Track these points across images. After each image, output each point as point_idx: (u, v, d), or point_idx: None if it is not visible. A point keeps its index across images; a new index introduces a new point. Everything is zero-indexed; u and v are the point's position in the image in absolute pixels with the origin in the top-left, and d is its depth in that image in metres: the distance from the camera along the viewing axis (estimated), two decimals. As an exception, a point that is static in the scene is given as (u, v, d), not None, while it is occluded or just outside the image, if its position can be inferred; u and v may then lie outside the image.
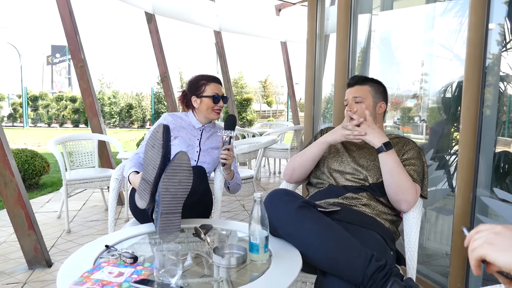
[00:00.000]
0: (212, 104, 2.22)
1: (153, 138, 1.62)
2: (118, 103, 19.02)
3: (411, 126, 3.07)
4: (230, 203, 4.61)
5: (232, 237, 1.64)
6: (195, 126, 2.28)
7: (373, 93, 1.90)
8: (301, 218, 1.42)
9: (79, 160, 4.13)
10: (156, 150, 1.58)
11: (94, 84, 4.68)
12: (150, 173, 1.58)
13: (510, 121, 2.11)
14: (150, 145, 1.63)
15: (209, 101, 2.22)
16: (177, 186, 1.51)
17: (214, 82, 2.25)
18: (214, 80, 2.27)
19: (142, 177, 1.62)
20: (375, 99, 1.90)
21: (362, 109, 1.83)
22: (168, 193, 1.49)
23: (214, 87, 2.23)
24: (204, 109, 2.24)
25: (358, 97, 1.88)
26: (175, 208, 1.51)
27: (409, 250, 1.69)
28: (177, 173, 1.51)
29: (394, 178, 1.68)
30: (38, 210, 4.31)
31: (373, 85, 1.92)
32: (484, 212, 1.97)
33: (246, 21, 7.82)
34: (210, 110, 2.23)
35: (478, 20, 1.89)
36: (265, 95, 26.17)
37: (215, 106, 2.23)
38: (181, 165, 1.52)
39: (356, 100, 1.89)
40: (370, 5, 3.19)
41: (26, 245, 2.81)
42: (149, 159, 1.60)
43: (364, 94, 1.89)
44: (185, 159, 1.52)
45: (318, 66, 3.81)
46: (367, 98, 1.88)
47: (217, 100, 2.22)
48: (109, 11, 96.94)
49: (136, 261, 1.29)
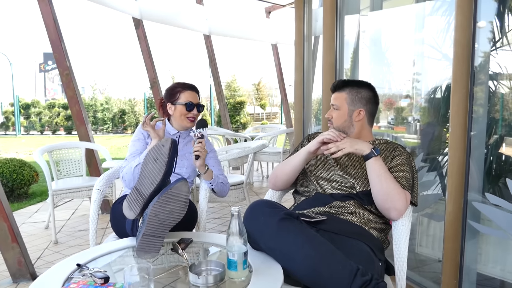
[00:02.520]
0: (185, 112, 2.19)
1: (157, 151, 1.56)
2: (111, 109, 18.92)
3: (405, 126, 3.01)
4: (221, 209, 4.53)
5: (212, 251, 1.57)
6: (170, 133, 2.25)
7: (350, 101, 1.84)
8: (283, 231, 1.35)
9: (67, 169, 4.05)
10: (158, 166, 1.52)
11: (86, 91, 4.61)
12: (146, 187, 1.52)
13: (503, 120, 2.05)
14: (152, 157, 1.56)
15: (183, 108, 2.19)
16: (167, 215, 1.45)
17: (189, 90, 2.23)
18: (189, 88, 2.24)
19: (136, 188, 1.55)
20: (352, 106, 1.84)
21: (336, 117, 1.85)
22: (156, 219, 1.43)
23: (188, 95, 2.21)
24: (177, 116, 2.21)
25: (334, 104, 1.86)
26: (159, 233, 1.45)
27: (399, 260, 1.62)
28: (172, 202, 1.44)
29: (382, 185, 1.62)
30: (26, 220, 4.23)
31: (352, 91, 1.85)
32: (476, 218, 1.91)
33: (236, 24, 7.76)
34: (184, 117, 2.20)
35: (465, 20, 1.83)
36: (259, 98, 26.13)
37: (188, 114, 2.19)
38: (179, 195, 1.45)
39: (334, 107, 1.86)
40: (357, 6, 3.14)
41: (9, 258, 2.74)
42: (148, 172, 1.54)
43: (340, 102, 1.85)
44: (184, 191, 1.45)
45: (306, 68, 3.76)
46: (342, 106, 1.84)
47: (191, 107, 2.19)
48: (99, 17, 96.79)
49: (107, 281, 1.22)
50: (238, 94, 19.26)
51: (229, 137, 6.62)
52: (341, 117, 1.84)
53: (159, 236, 1.45)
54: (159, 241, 1.45)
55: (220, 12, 7.40)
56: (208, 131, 6.90)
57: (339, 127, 1.85)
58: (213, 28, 7.40)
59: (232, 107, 17.47)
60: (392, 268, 1.66)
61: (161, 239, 1.46)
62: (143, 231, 1.43)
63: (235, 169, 6.66)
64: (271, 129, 8.45)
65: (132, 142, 2.20)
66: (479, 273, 1.98)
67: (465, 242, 1.90)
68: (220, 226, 3.93)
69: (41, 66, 34.43)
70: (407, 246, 1.63)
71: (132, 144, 2.20)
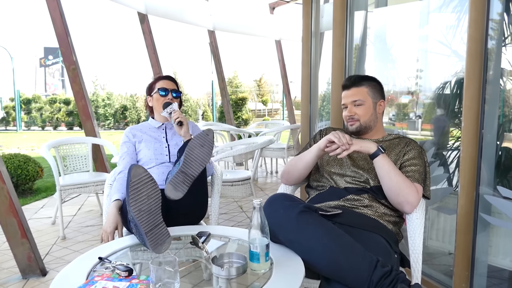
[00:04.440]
0: (161, 98, 2.21)
1: (202, 138, 1.76)
2: (112, 104, 18.89)
3: (407, 122, 3.03)
4: (227, 204, 4.55)
5: (231, 244, 1.58)
6: (155, 127, 2.27)
7: (371, 93, 1.86)
8: (302, 224, 1.37)
9: (73, 164, 4.06)
10: (206, 150, 1.75)
11: (87, 86, 4.62)
12: (194, 168, 1.72)
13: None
14: (199, 143, 1.75)
15: (158, 95, 2.21)
16: (147, 202, 1.46)
17: (164, 79, 2.27)
18: (163, 77, 2.29)
19: (182, 171, 1.70)
20: (374, 99, 1.86)
21: (363, 113, 1.84)
22: (142, 213, 1.44)
23: (162, 83, 2.24)
24: (156, 106, 2.23)
25: (358, 100, 1.84)
26: (156, 221, 1.46)
27: (414, 252, 1.64)
28: (141, 189, 1.46)
29: (392, 181, 1.65)
30: (32, 216, 4.24)
31: (369, 84, 1.87)
32: (488, 210, 1.93)
33: (240, 20, 7.76)
34: (161, 104, 2.20)
35: (479, 16, 1.85)
36: (260, 94, 26.11)
37: (165, 99, 2.20)
38: (141, 180, 1.47)
39: (356, 103, 1.85)
40: (365, 2, 3.15)
41: (19, 254, 2.74)
42: (196, 156, 1.73)
43: (363, 96, 1.85)
44: (142, 171, 1.47)
45: (314, 64, 3.76)
46: (367, 100, 1.85)
47: (165, 92, 2.20)
48: (102, 12, 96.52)
49: (131, 274, 1.24)
50: (240, 90, 19.27)
51: (233, 133, 6.63)
52: (367, 111, 1.84)
53: (157, 224, 1.45)
54: (162, 228, 1.46)
55: (224, 8, 7.40)
56: (212, 127, 6.90)
57: (366, 122, 1.85)
58: (217, 24, 7.40)
59: (234, 103, 17.46)
60: (406, 261, 1.68)
61: (161, 225, 1.46)
62: (143, 231, 1.42)
63: (239, 165, 6.68)
64: (274, 125, 8.46)
65: (120, 147, 2.24)
66: (490, 265, 2.00)
67: (477, 235, 1.92)
68: (227, 222, 3.95)
69: (41, 61, 34.31)
70: (422, 239, 1.65)
71: (120, 148, 2.24)
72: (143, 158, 2.18)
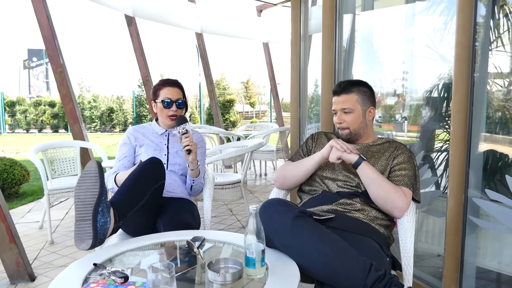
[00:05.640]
0: (164, 109, 2.14)
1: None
2: (98, 107, 18.68)
3: (393, 124, 3.07)
4: (217, 207, 4.55)
5: (225, 249, 1.59)
6: (158, 133, 2.21)
7: (361, 101, 1.87)
8: (297, 229, 1.38)
9: (61, 168, 4.01)
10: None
11: (73, 89, 4.57)
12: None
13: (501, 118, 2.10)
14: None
15: (161, 105, 2.14)
16: (85, 193, 1.51)
17: (168, 86, 2.15)
18: (169, 84, 2.17)
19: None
20: (364, 106, 1.87)
21: (352, 121, 1.85)
22: (79, 200, 1.51)
23: (166, 92, 2.14)
24: (160, 114, 2.17)
25: (347, 108, 1.85)
26: (86, 215, 1.50)
27: (405, 256, 1.67)
28: (86, 180, 1.53)
29: (378, 189, 1.68)
30: (19, 220, 4.18)
31: (360, 91, 1.87)
32: (476, 213, 1.97)
33: (228, 22, 7.77)
34: (165, 116, 2.15)
35: (466, 21, 1.88)
36: (248, 96, 26.10)
37: (168, 112, 2.14)
38: (89, 173, 1.53)
39: (345, 111, 1.86)
40: (353, 5, 3.18)
41: (7, 259, 2.70)
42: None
43: (352, 104, 1.85)
44: (93, 167, 1.54)
45: (303, 67, 3.79)
46: (356, 108, 1.85)
47: (168, 105, 2.12)
48: (88, 14, 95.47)
49: (127, 281, 1.23)
50: (228, 92, 19.22)
51: (222, 135, 6.62)
52: (357, 119, 1.85)
53: (86, 219, 1.50)
54: (88, 225, 1.50)
55: (212, 10, 7.40)
56: (200, 129, 6.86)
57: (355, 130, 1.87)
58: (205, 26, 7.39)
59: (222, 105, 17.42)
60: (397, 264, 1.70)
61: (88, 222, 1.50)
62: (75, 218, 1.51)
63: (228, 167, 6.68)
64: (262, 127, 8.48)
65: (119, 147, 2.19)
66: (478, 267, 2.04)
67: (466, 237, 1.96)
68: (218, 225, 3.95)
69: (25, 63, 33.82)
70: (413, 242, 1.68)
71: (119, 149, 2.18)
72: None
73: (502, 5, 2.09)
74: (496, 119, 2.07)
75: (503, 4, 2.09)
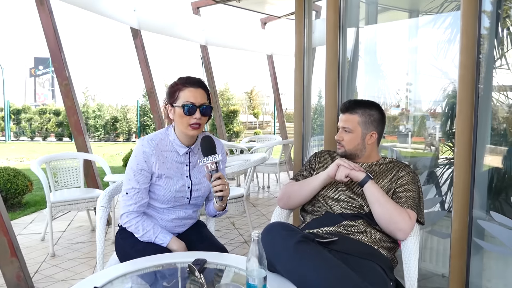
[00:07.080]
0: (185, 117, 1.67)
1: None
2: (103, 116, 18.80)
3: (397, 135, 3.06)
4: (219, 221, 4.53)
5: (227, 272, 1.57)
6: (179, 153, 1.77)
7: (363, 124, 1.86)
8: (300, 254, 1.37)
9: (64, 180, 4.02)
10: None
11: (78, 98, 4.59)
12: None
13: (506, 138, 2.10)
14: None
15: (181, 111, 1.67)
16: None
17: (190, 87, 1.68)
18: (190, 83, 1.70)
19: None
20: (365, 129, 1.86)
21: (348, 141, 1.86)
22: None
23: (188, 94, 1.67)
24: (178, 123, 1.71)
25: (347, 127, 1.86)
26: None
27: (409, 280, 1.65)
28: None
29: (382, 209, 1.66)
30: (21, 232, 4.18)
31: (364, 113, 1.87)
32: (481, 235, 1.95)
33: (232, 35, 7.83)
34: (186, 124, 1.68)
35: (469, 42, 1.88)
36: (251, 106, 26.17)
37: (190, 119, 1.67)
38: None
39: (345, 130, 1.87)
40: (357, 18, 3.19)
41: (8, 273, 2.70)
42: None
43: (353, 125, 1.86)
44: None
45: (306, 82, 3.79)
46: (356, 130, 1.86)
47: (191, 110, 1.65)
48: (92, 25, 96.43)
49: (127, 306, 1.22)
50: (231, 103, 19.30)
51: (226, 147, 6.62)
52: (353, 141, 1.85)
53: None
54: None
55: (216, 23, 7.46)
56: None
57: (351, 150, 1.87)
58: (209, 39, 7.44)
59: (225, 115, 17.48)
60: (401, 287, 1.68)
61: None
62: None
63: (231, 180, 6.67)
64: (265, 140, 8.48)
65: (132, 171, 1.73)
66: (483, 289, 2.02)
67: (471, 259, 1.94)
68: (220, 239, 3.88)
69: (31, 71, 34.15)
70: (417, 265, 1.66)
71: (132, 173, 1.72)
72: (159, 198, 1.78)
73: (505, 22, 2.09)
74: (501, 139, 2.06)
75: (506, 20, 2.09)
